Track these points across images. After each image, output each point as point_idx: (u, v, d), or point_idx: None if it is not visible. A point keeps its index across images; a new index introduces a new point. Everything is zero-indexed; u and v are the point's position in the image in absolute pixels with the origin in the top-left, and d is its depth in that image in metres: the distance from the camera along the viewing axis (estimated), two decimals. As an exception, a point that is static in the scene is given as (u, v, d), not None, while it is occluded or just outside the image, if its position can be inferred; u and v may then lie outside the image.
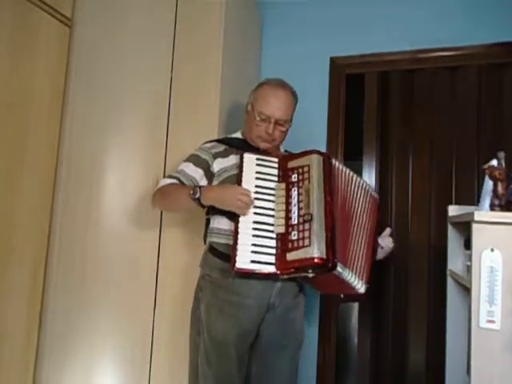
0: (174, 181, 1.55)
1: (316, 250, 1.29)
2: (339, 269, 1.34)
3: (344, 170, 1.54)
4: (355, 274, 1.43)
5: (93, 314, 1.79)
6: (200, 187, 1.44)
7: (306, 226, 1.34)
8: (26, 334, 1.77)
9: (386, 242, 1.63)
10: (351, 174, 1.56)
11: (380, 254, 1.63)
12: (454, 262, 1.67)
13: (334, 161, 1.51)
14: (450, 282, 1.67)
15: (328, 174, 1.44)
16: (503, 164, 1.20)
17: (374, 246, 1.58)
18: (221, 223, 1.50)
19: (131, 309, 1.79)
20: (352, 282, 1.41)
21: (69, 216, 1.85)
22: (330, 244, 1.32)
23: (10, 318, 1.70)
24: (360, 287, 1.44)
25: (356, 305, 2.34)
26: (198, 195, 1.41)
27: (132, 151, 1.87)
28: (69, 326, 1.79)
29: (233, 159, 1.55)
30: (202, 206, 1.45)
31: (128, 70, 1.89)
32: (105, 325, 1.79)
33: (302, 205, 1.38)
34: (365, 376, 2.24)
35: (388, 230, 1.65)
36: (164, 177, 1.71)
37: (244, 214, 1.39)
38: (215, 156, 1.56)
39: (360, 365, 2.27)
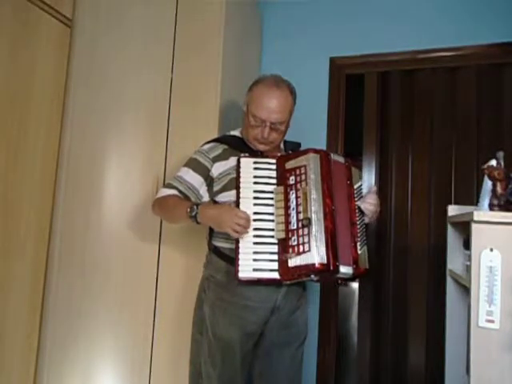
0: (173, 191, 1.51)
1: (316, 256, 1.28)
2: (342, 270, 1.32)
3: (342, 162, 1.49)
4: (356, 267, 1.39)
5: (93, 316, 1.80)
6: (197, 205, 1.40)
7: (305, 230, 1.31)
8: (27, 336, 1.78)
9: (366, 204, 1.46)
10: (345, 164, 1.49)
11: (366, 220, 1.51)
12: (454, 262, 1.66)
13: (332, 156, 1.46)
14: (449, 281, 1.67)
15: (326, 172, 1.40)
16: (502, 164, 1.19)
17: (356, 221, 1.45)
18: None
19: (131, 311, 1.80)
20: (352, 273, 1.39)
21: (69, 218, 1.85)
22: (331, 247, 1.30)
23: (10, 320, 1.70)
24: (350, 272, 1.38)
25: (356, 305, 2.35)
26: (194, 213, 1.38)
27: (132, 152, 1.87)
28: (69, 328, 1.80)
29: (233, 161, 1.49)
30: (198, 223, 1.42)
31: (128, 70, 1.89)
32: (105, 326, 1.79)
33: (300, 208, 1.34)
34: (365, 376, 2.24)
35: (373, 189, 1.51)
36: (164, 182, 1.70)
37: (241, 237, 1.34)
38: (214, 160, 1.52)
39: (360, 365, 2.27)
